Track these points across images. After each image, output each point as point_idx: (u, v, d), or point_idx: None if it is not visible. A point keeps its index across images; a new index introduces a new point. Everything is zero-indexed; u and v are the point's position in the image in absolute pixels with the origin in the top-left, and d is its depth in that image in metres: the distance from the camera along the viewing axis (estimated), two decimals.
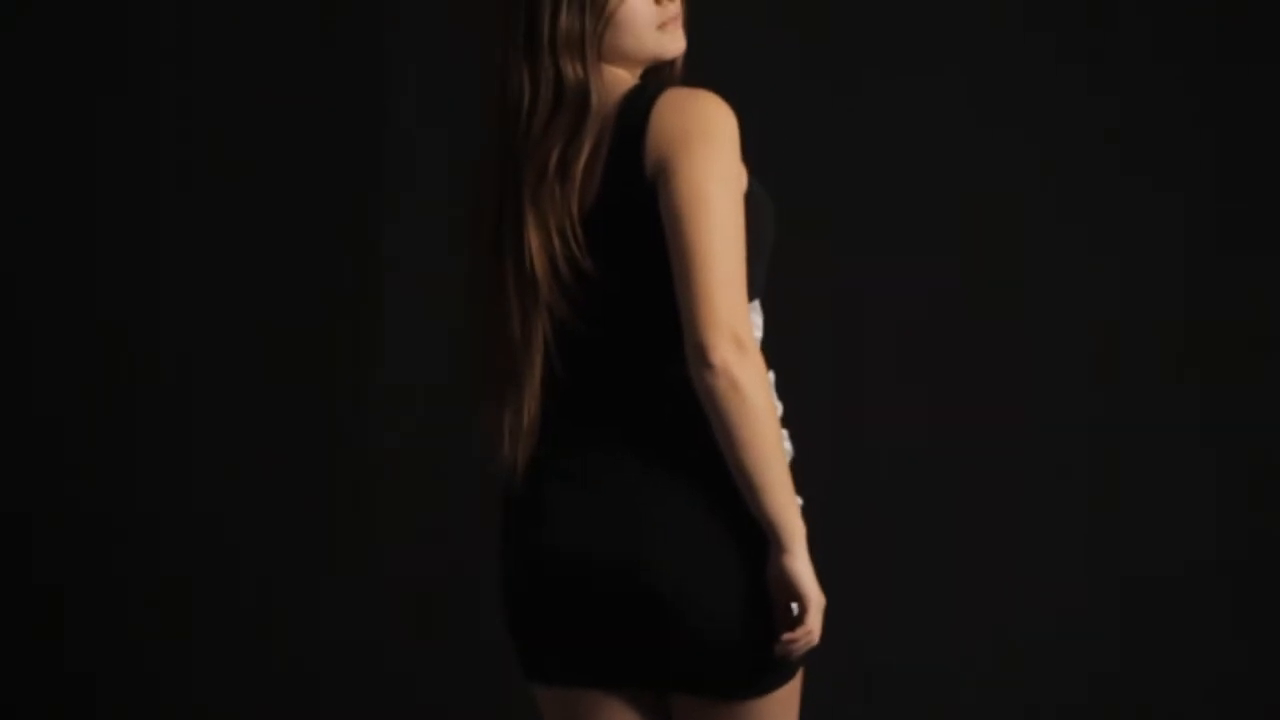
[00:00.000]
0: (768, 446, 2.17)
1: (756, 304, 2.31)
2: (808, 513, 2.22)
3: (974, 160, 3.88)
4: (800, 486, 2.22)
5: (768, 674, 2.26)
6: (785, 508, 2.19)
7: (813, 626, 2.21)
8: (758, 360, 2.18)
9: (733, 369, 2.14)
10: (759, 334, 2.31)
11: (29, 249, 3.92)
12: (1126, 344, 3.89)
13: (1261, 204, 3.88)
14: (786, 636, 2.21)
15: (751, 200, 2.25)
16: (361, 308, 3.92)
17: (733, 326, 2.15)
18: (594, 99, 2.25)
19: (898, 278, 3.88)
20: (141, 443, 3.91)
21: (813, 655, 2.25)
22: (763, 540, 2.21)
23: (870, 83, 3.89)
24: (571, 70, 2.26)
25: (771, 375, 2.26)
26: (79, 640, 3.90)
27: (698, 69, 2.39)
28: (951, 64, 3.89)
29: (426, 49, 3.89)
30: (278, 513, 3.89)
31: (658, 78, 2.36)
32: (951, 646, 3.85)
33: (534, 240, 2.25)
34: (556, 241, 2.25)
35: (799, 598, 2.20)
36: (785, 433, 2.27)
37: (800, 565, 2.20)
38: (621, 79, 2.31)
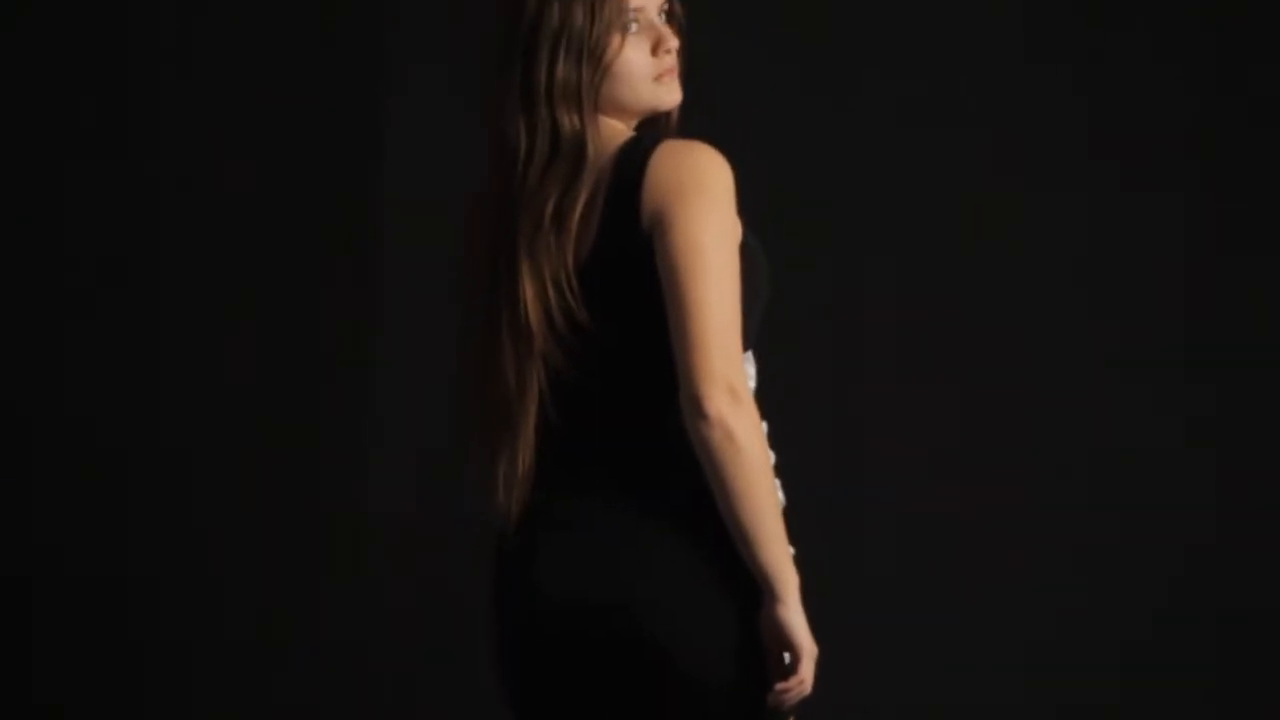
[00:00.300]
0: (762, 498, 2.19)
1: (749, 355, 2.32)
2: (800, 563, 2.23)
3: (972, 164, 3.89)
4: (793, 537, 2.23)
5: None
6: (779, 558, 2.20)
7: (805, 676, 2.22)
8: (752, 412, 2.19)
9: (728, 420, 2.16)
10: (753, 384, 2.32)
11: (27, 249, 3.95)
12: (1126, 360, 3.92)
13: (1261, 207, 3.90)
14: (779, 686, 2.23)
15: (745, 252, 2.26)
16: (356, 370, 3.94)
17: (728, 378, 2.16)
18: (590, 150, 2.26)
19: (897, 281, 3.90)
20: (133, 507, 3.92)
21: (805, 705, 2.26)
22: (756, 589, 2.22)
23: (869, 85, 3.90)
24: (568, 121, 2.27)
25: (765, 426, 2.27)
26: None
27: (704, 82, 2.40)
28: (947, 69, 3.90)
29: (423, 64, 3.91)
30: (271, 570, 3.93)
31: (654, 129, 2.37)
32: (945, 694, 3.88)
33: (529, 290, 2.26)
34: (551, 292, 2.25)
35: (791, 647, 2.22)
36: (778, 482, 2.28)
37: (793, 615, 2.21)
38: (618, 130, 2.32)
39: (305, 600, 3.92)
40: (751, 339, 2.31)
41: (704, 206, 2.20)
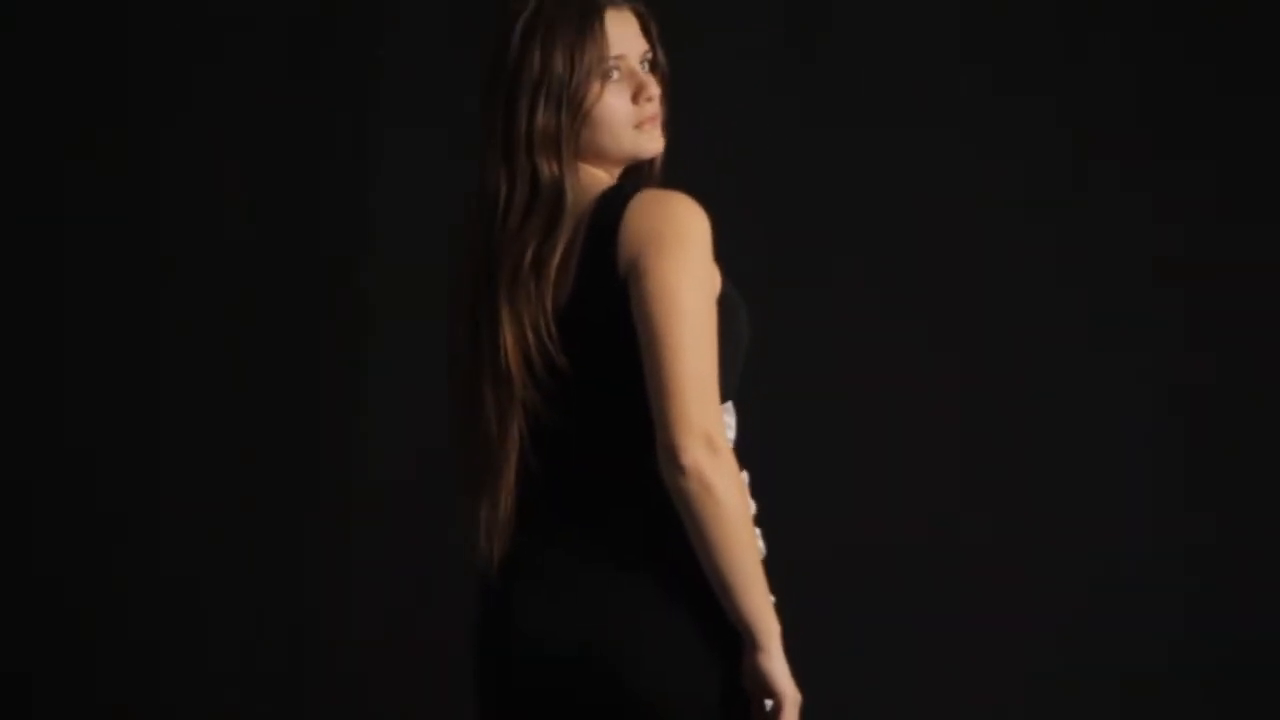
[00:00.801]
0: (741, 547, 2.18)
1: (730, 405, 2.32)
2: (781, 611, 2.23)
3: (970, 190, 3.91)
4: (773, 585, 2.23)
5: None
6: (759, 608, 2.20)
7: None
8: (730, 462, 2.18)
9: (705, 471, 2.15)
10: (732, 434, 2.32)
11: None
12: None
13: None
14: None
15: (725, 302, 2.26)
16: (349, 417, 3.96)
17: (705, 428, 2.15)
18: (569, 197, 2.26)
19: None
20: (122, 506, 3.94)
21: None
22: (738, 636, 2.22)
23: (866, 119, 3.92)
24: (547, 168, 2.27)
25: (745, 475, 2.26)
26: None
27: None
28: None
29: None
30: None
31: (637, 177, 2.37)
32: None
33: (509, 336, 2.26)
34: (531, 337, 2.25)
35: (774, 695, 2.22)
36: (758, 531, 2.28)
37: (775, 663, 2.21)
38: (598, 178, 2.32)
39: (302, 600, 3.94)
40: (732, 390, 2.31)
41: (679, 255, 2.19)
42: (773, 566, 2.24)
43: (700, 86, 2.52)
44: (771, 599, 2.22)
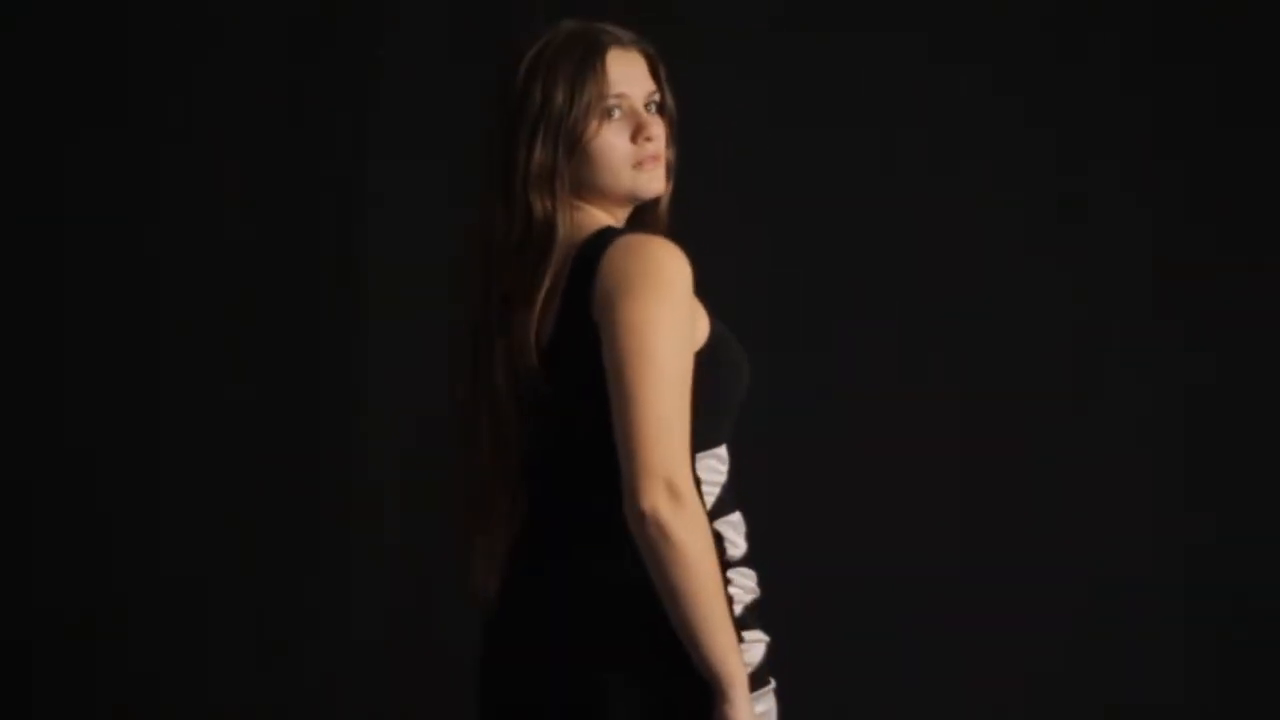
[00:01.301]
0: (702, 594, 2.15)
1: (721, 450, 2.30)
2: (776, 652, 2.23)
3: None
4: (772, 625, 2.23)
5: None
6: (724, 657, 2.17)
7: None
8: (693, 508, 2.15)
9: (662, 517, 2.13)
10: (722, 479, 2.30)
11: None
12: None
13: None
14: None
15: (715, 346, 2.26)
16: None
17: (667, 474, 2.13)
18: (558, 234, 2.27)
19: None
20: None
21: None
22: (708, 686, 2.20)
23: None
24: (540, 204, 2.28)
25: (737, 515, 2.26)
26: None
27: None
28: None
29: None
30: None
31: (643, 221, 2.38)
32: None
33: (501, 369, 2.27)
34: (520, 371, 2.26)
35: None
36: (753, 574, 2.27)
37: (741, 713, 2.18)
38: (597, 218, 2.32)
39: (302, 600, 3.96)
40: (725, 435, 2.30)
41: (648, 298, 2.18)
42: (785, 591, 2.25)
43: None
44: (743, 646, 2.20)
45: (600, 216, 2.33)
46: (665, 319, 2.18)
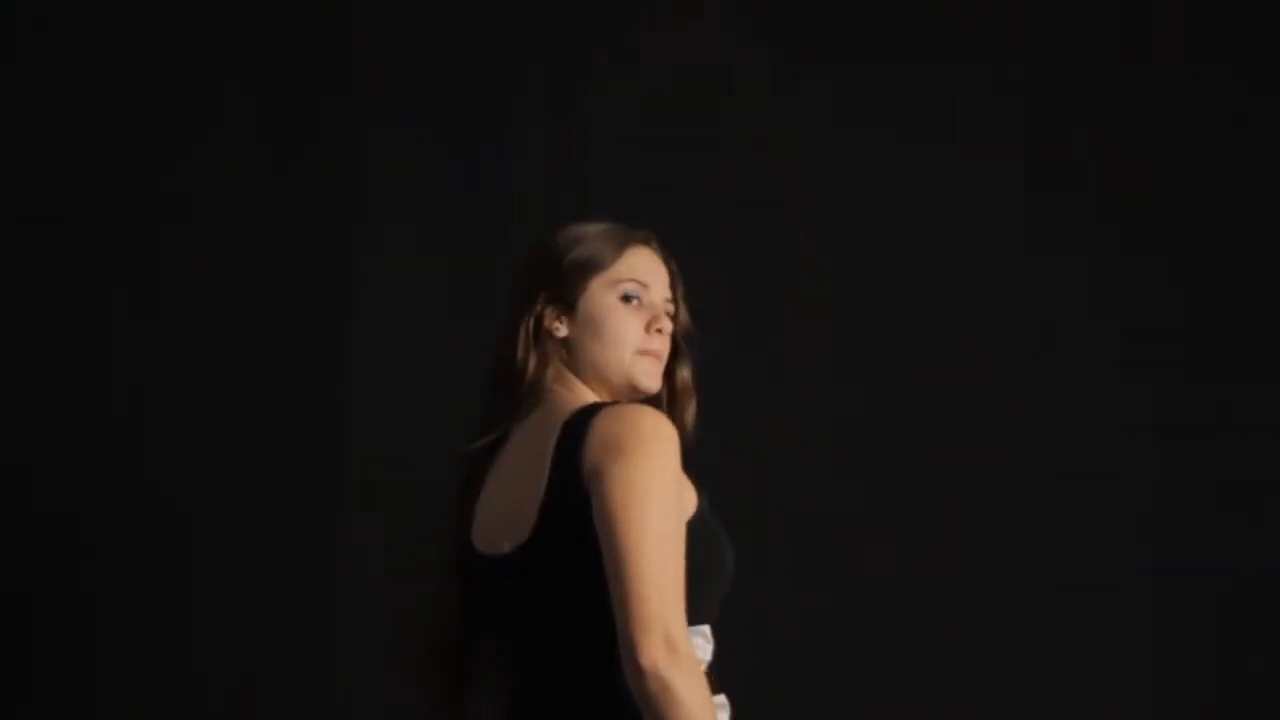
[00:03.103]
0: None
1: (706, 629, 2.34)
2: None
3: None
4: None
5: None
6: None
7: None
8: (691, 662, 2.18)
9: (663, 670, 2.15)
10: (707, 657, 2.34)
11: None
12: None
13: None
14: None
15: (699, 527, 2.30)
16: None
17: (665, 628, 2.17)
18: (547, 401, 2.37)
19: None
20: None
21: None
22: None
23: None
24: (534, 366, 2.38)
25: (723, 698, 2.30)
26: None
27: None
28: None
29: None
30: None
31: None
32: None
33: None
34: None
35: None
36: None
37: None
38: (586, 396, 2.40)
39: (303, 599, 3.94)
40: (709, 613, 2.34)
41: (640, 460, 2.23)
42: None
43: None
44: None
45: (589, 396, 2.39)
46: (656, 481, 2.23)
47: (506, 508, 2.35)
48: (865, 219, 3.95)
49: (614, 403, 2.35)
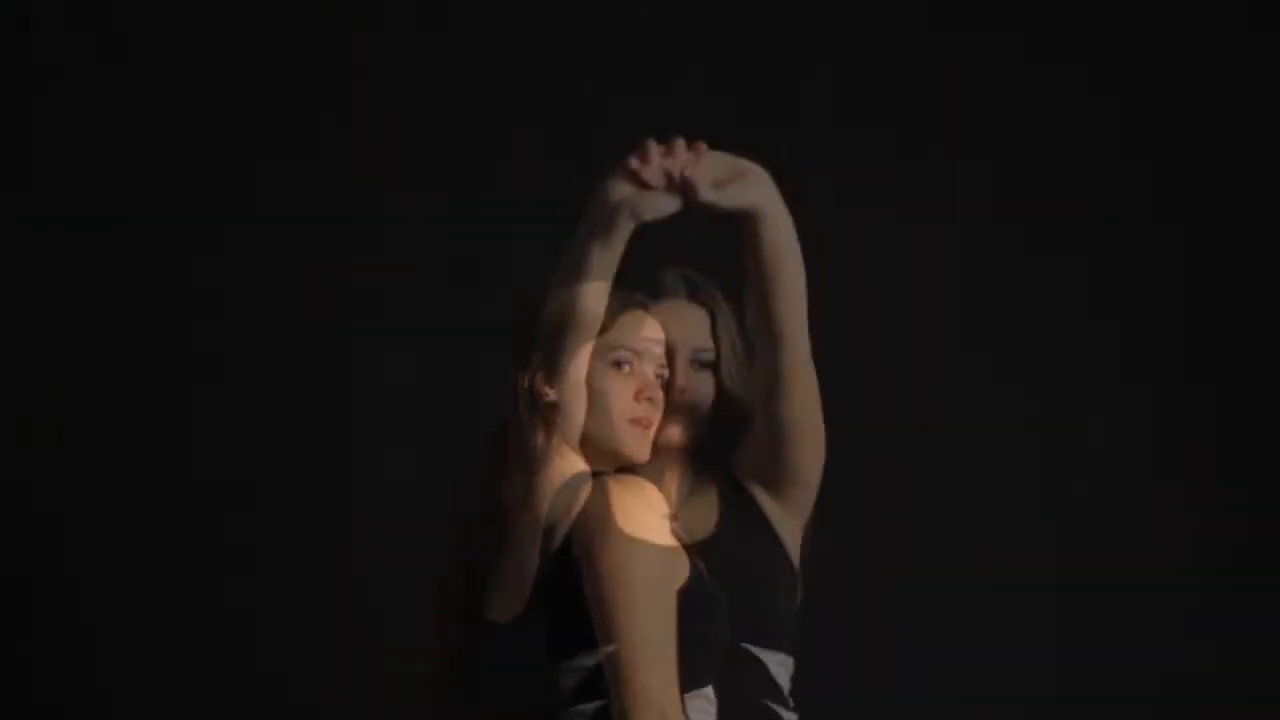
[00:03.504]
0: None
1: (709, 691, 2.33)
2: None
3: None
4: None
5: None
6: None
7: None
8: None
9: None
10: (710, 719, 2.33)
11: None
12: None
13: None
14: None
15: (696, 592, 2.29)
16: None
17: (660, 705, 2.18)
18: (541, 473, 2.34)
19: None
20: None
21: None
22: None
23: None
24: (529, 427, 2.34)
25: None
26: None
27: None
28: None
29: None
30: None
31: None
32: None
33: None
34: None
35: None
36: None
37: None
38: (577, 465, 2.37)
39: (302, 600, 3.95)
40: (711, 674, 2.33)
41: (624, 542, 2.23)
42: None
43: None
44: None
45: (579, 465, 2.37)
46: (640, 560, 2.23)
47: (507, 578, 2.35)
48: (864, 219, 3.94)
49: (601, 473, 2.35)
